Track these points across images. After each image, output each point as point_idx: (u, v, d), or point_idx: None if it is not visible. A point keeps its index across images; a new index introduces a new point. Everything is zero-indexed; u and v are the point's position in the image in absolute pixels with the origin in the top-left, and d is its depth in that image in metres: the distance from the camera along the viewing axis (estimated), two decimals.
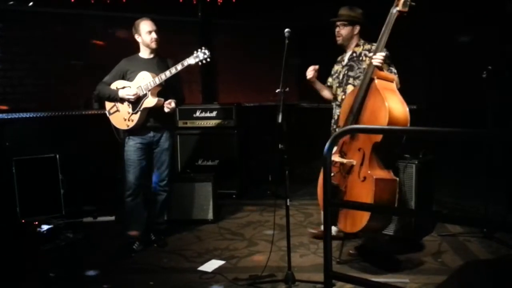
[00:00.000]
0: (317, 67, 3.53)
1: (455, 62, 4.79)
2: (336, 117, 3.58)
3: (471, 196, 4.49)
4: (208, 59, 3.60)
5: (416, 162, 3.71)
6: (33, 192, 4.34)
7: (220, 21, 6.02)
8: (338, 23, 3.48)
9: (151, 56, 3.74)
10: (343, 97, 3.49)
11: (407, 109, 3.00)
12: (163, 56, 3.82)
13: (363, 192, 3.01)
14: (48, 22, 5.00)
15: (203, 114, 5.28)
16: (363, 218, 2.98)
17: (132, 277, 3.30)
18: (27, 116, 4.69)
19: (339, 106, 3.52)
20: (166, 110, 3.65)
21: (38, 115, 4.75)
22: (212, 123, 5.28)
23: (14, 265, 3.57)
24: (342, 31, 3.48)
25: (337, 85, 3.60)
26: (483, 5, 4.39)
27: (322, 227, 3.82)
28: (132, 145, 3.68)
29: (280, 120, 3.00)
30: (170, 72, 3.56)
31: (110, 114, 3.75)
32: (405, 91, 5.06)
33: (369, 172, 3.01)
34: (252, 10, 5.82)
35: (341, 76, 3.58)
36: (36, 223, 4.19)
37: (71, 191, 4.59)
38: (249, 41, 6.13)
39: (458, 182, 4.77)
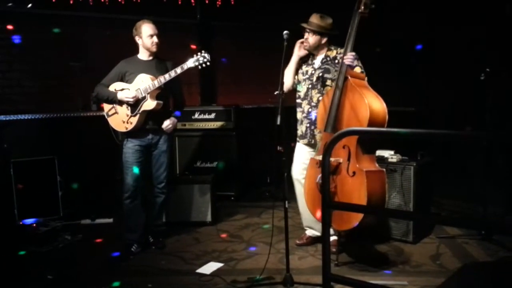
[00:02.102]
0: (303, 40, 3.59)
1: (454, 64, 4.81)
2: (313, 117, 3.60)
3: (470, 198, 4.50)
4: (208, 63, 3.60)
5: (415, 164, 3.72)
6: (31, 194, 4.33)
7: (219, 23, 6.02)
8: (308, 30, 3.53)
9: (150, 58, 3.74)
10: (320, 98, 3.55)
11: (383, 102, 3.15)
12: (162, 58, 3.82)
13: (355, 187, 3.07)
14: (46, 24, 4.99)
15: (201, 116, 5.28)
16: (358, 214, 3.04)
17: (130, 280, 3.29)
18: (25, 117, 4.68)
19: (316, 107, 3.57)
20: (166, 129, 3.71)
21: (36, 117, 4.74)
22: (211, 125, 5.28)
23: (12, 267, 3.56)
24: (310, 39, 3.54)
25: (309, 86, 3.62)
26: (483, 7, 4.41)
27: (308, 233, 3.83)
28: (130, 147, 3.68)
29: (279, 122, 3.01)
30: (170, 76, 3.56)
31: (108, 116, 3.74)
32: (403, 94, 5.09)
33: (357, 166, 3.09)
34: (251, 12, 5.83)
35: (314, 78, 3.61)
36: (34, 225, 4.18)
37: (69, 193, 4.58)
38: (248, 43, 6.13)
39: (456, 184, 4.78)
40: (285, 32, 3.27)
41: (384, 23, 5.22)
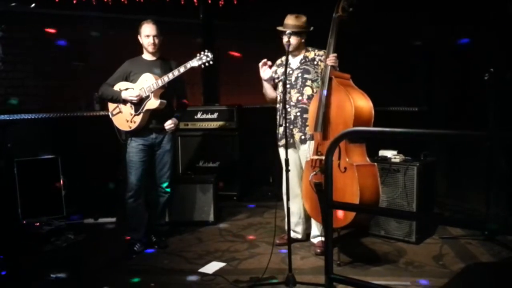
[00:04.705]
0: (267, 61, 3.67)
1: (456, 63, 4.79)
2: (292, 117, 3.64)
3: (473, 198, 4.49)
4: (211, 62, 3.61)
5: (418, 164, 3.72)
6: (34, 193, 4.35)
7: (222, 23, 6.02)
8: (288, 32, 3.54)
9: (154, 58, 3.74)
10: (299, 98, 3.61)
11: (369, 99, 3.26)
12: (166, 58, 3.83)
13: (348, 182, 3.12)
14: (50, 24, 5.00)
15: (204, 116, 5.29)
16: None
17: (133, 279, 3.30)
18: (29, 117, 4.70)
19: (295, 106, 3.63)
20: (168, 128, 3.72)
21: (39, 117, 4.75)
22: (213, 124, 5.28)
23: (15, 266, 3.58)
24: (291, 40, 3.55)
25: (288, 86, 3.63)
26: (484, 7, 4.39)
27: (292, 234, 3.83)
28: (134, 147, 3.69)
29: (281, 121, 3.02)
30: (173, 75, 3.57)
31: (112, 115, 3.76)
32: (406, 94, 5.07)
33: (347, 160, 3.16)
34: (253, 11, 5.82)
35: (292, 78, 3.65)
36: (37, 224, 4.20)
37: (72, 192, 4.59)
38: (251, 43, 6.13)
39: (459, 184, 4.76)
40: (287, 31, 3.28)
41: (386, 23, 5.22)
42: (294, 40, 3.57)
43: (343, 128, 3.15)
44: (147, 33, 3.64)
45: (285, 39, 3.51)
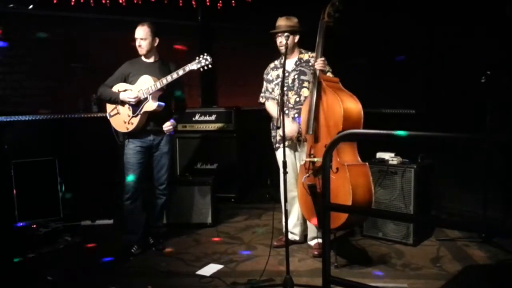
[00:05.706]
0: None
1: (454, 66, 4.80)
2: (290, 118, 3.66)
3: (470, 200, 4.49)
4: (210, 66, 3.61)
5: (415, 166, 3.73)
6: (31, 195, 4.34)
7: (220, 25, 6.03)
8: (280, 34, 3.58)
9: (154, 60, 3.74)
10: (297, 99, 3.65)
11: (358, 101, 3.31)
12: (166, 60, 3.83)
13: (340, 182, 3.15)
14: (48, 25, 5.00)
15: (202, 118, 5.29)
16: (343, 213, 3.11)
17: (130, 281, 3.29)
18: (26, 119, 4.69)
19: (293, 108, 3.66)
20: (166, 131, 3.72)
21: (37, 118, 4.74)
22: (211, 126, 5.28)
23: (12, 268, 3.56)
24: (284, 41, 3.54)
25: (285, 88, 3.64)
26: (483, 9, 4.41)
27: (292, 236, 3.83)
28: (132, 148, 3.69)
29: (279, 124, 3.02)
30: (172, 77, 3.57)
31: (110, 116, 3.76)
32: (403, 96, 5.08)
33: (338, 160, 3.20)
34: (251, 14, 5.83)
35: (289, 80, 3.68)
36: (34, 226, 4.18)
37: (70, 194, 4.58)
38: (249, 45, 6.14)
39: (456, 187, 4.77)
40: (285, 34, 3.29)
41: (382, 24, 5.23)
42: (289, 40, 3.58)
43: (333, 130, 3.22)
44: (136, 35, 3.65)
45: (280, 40, 3.55)
